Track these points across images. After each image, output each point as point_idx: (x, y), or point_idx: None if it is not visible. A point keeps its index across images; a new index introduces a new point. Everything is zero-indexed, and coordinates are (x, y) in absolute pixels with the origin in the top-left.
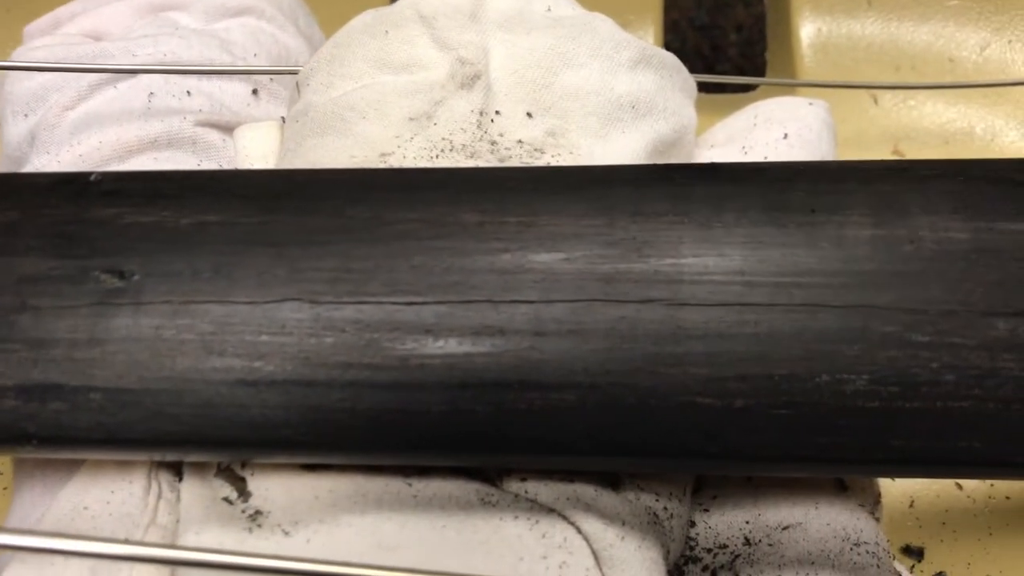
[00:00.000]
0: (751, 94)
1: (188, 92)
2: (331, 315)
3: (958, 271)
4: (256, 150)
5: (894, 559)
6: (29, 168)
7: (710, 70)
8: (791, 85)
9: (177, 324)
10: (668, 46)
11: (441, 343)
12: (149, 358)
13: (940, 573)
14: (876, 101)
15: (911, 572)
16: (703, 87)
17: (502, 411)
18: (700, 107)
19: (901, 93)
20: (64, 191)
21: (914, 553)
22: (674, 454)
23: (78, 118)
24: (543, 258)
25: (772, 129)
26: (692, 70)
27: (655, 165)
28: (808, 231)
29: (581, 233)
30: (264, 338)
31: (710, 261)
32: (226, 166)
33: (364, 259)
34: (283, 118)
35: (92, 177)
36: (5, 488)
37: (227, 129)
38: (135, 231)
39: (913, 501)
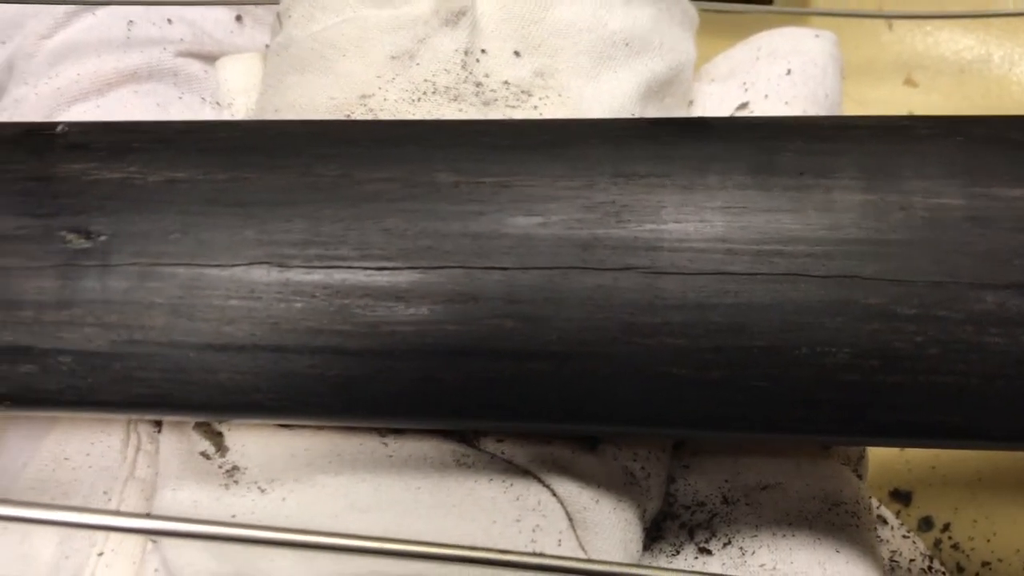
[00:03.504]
0: (764, 15)
1: (169, 20)
2: (301, 279)
3: (948, 241)
4: (238, 83)
5: (880, 505)
6: (8, 98)
7: None
8: (801, 14)
9: (146, 287)
10: None
11: (412, 310)
12: (118, 321)
13: (926, 517)
14: (890, 26)
15: (897, 517)
16: None
17: (473, 379)
18: (706, 27)
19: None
20: (29, 144)
21: (902, 497)
22: (647, 423)
23: (55, 48)
24: (519, 222)
25: (775, 63)
26: None
27: (640, 120)
28: (794, 196)
29: (559, 196)
30: (233, 303)
31: (691, 227)
32: (208, 99)
33: (334, 221)
34: (268, 46)
35: (59, 128)
36: None
37: (209, 59)
38: (102, 188)
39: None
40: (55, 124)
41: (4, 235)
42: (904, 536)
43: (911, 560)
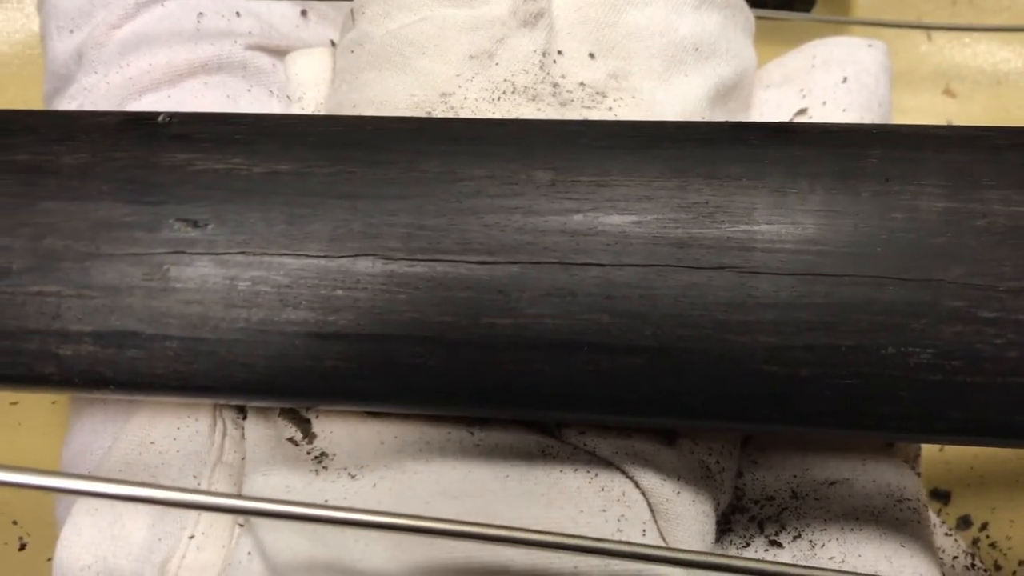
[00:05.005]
0: (804, 22)
1: (237, 13)
2: (405, 272)
3: None
4: (308, 77)
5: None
6: (76, 87)
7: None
8: (841, 23)
9: (252, 276)
10: None
11: (512, 304)
12: (224, 309)
13: (964, 516)
14: (929, 37)
15: (938, 515)
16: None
17: (570, 372)
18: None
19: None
20: (133, 133)
21: (941, 496)
22: (737, 418)
23: (126, 38)
24: (615, 220)
25: (831, 71)
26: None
27: (728, 124)
28: (882, 201)
29: (653, 195)
30: (338, 292)
31: (783, 229)
32: (277, 92)
33: (437, 216)
34: (332, 42)
35: (160, 118)
36: (19, 423)
37: (277, 53)
38: (207, 178)
39: (943, 446)
40: (156, 114)
41: (112, 222)
42: (946, 534)
43: (954, 557)
